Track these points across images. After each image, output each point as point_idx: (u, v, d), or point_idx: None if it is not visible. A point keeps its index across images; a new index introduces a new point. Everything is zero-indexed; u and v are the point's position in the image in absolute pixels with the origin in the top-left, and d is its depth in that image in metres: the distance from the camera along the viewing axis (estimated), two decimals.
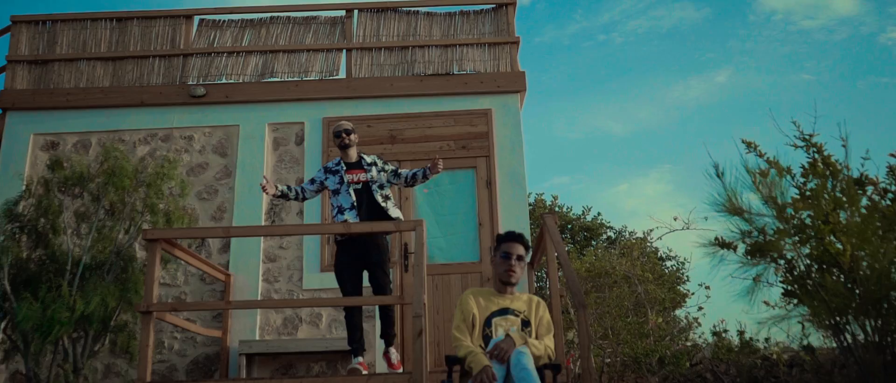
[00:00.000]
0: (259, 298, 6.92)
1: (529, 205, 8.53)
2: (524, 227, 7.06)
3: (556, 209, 12.27)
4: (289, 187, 5.60)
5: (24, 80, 7.76)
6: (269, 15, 8.02)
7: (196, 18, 8.05)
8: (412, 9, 7.99)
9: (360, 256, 5.29)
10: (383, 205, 5.39)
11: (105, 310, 5.45)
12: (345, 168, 5.51)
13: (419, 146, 7.32)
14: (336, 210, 5.43)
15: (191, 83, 7.68)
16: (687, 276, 9.50)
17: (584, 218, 12.30)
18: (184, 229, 5.91)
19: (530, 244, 4.01)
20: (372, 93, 7.56)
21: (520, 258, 3.77)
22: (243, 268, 7.01)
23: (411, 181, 5.58)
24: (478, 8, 8.01)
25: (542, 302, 3.78)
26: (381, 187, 5.47)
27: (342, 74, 7.74)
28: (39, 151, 7.47)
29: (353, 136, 5.53)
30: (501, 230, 7.03)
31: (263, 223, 7.15)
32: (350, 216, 5.32)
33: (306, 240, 7.11)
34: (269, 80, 7.71)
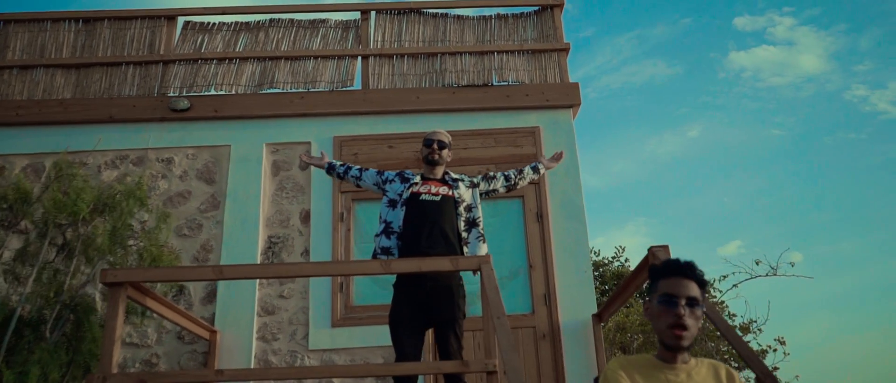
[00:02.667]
0: (253, 363, 5.41)
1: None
2: (585, 275, 5.68)
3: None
4: (343, 163, 4.39)
5: None
6: (268, 17, 6.71)
7: (180, 20, 6.71)
8: (440, 11, 6.72)
9: (426, 308, 3.86)
10: (465, 233, 4.01)
11: None
12: (421, 179, 4.14)
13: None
14: (382, 231, 4.03)
15: (172, 95, 6.29)
16: (759, 328, 8.14)
17: (615, 262, 10.93)
18: (157, 269, 4.41)
19: (705, 278, 2.45)
20: (393, 107, 6.22)
21: (692, 303, 2.35)
22: (233, 322, 5.52)
23: (515, 182, 4.27)
24: (517, 11, 6.77)
25: (735, 375, 2.37)
26: (469, 209, 4.10)
27: (357, 85, 6.40)
28: None
29: (445, 153, 4.21)
30: (557, 277, 5.64)
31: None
32: (392, 243, 3.93)
33: (313, 287, 5.65)
34: (269, 91, 6.35)
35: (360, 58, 6.49)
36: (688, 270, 2.34)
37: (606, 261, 10.97)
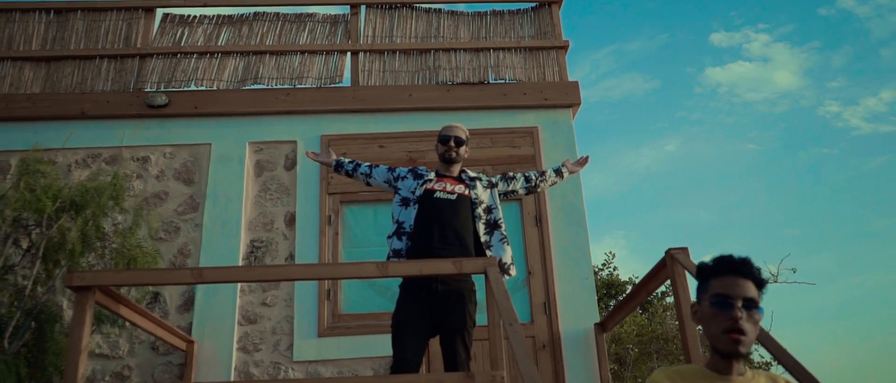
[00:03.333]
0: (233, 376, 5.04)
1: None
2: (587, 283, 5.39)
3: None
4: (352, 161, 4.09)
5: None
6: (252, 10, 6.37)
7: (159, 11, 6.35)
8: (433, 6, 6.43)
9: (433, 312, 3.53)
10: (486, 236, 3.71)
11: None
12: (436, 176, 3.83)
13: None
14: (394, 232, 3.70)
15: (149, 90, 5.92)
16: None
17: (605, 270, 10.66)
18: (128, 272, 4.02)
19: (763, 276, 2.11)
20: (384, 105, 5.90)
21: (750, 305, 2.04)
22: (212, 332, 5.14)
23: (536, 184, 3.98)
24: (514, 7, 6.50)
25: None
26: (489, 210, 3.79)
27: (346, 82, 6.08)
28: None
29: (463, 150, 3.89)
30: (557, 285, 5.34)
31: None
32: (403, 245, 3.61)
33: (299, 294, 5.29)
34: (252, 87, 6.01)
35: (349, 53, 6.17)
36: (744, 267, 2.03)
37: (596, 269, 10.70)
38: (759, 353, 7.89)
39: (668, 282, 4.09)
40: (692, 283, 4.42)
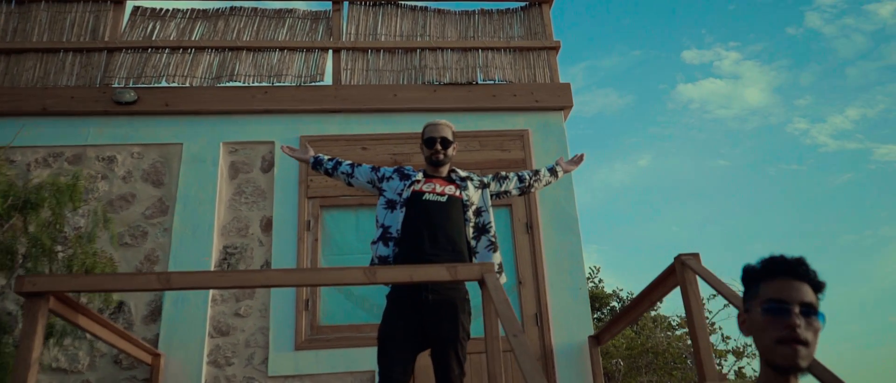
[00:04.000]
0: None
1: None
2: (581, 293, 5.13)
3: None
4: (332, 158, 3.80)
5: None
6: (228, 4, 6.05)
7: (129, 4, 6.00)
8: (419, 4, 6.17)
9: (424, 324, 3.22)
10: (473, 241, 3.42)
11: None
12: (423, 177, 3.52)
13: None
14: (379, 237, 3.40)
15: (116, 85, 5.57)
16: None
17: (589, 283, 10.42)
18: (87, 277, 3.64)
19: (820, 279, 1.79)
20: (368, 105, 5.61)
21: (809, 311, 1.76)
22: (180, 344, 4.78)
23: (530, 183, 3.71)
24: (503, 6, 6.25)
25: None
26: (479, 213, 3.49)
27: (327, 80, 5.78)
28: None
29: (451, 151, 3.58)
30: (549, 295, 5.07)
31: None
32: (390, 251, 3.31)
33: (275, 304, 4.96)
34: (228, 84, 5.68)
35: (330, 51, 5.88)
36: (799, 268, 1.75)
37: None
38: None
39: (662, 292, 3.85)
40: (703, 290, 4.19)
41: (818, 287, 1.73)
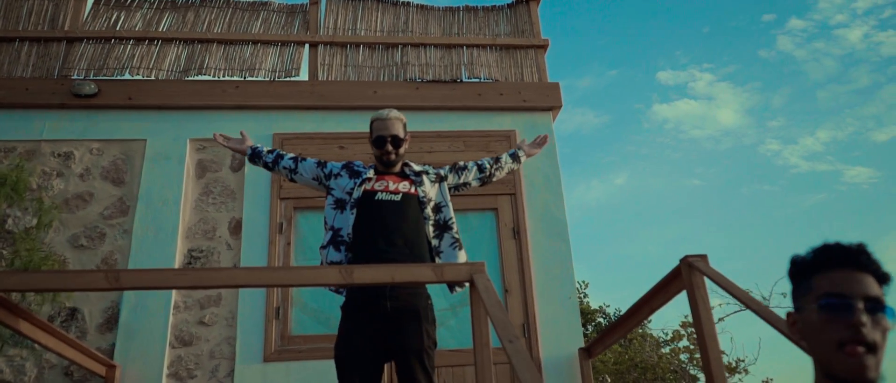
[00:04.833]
0: None
1: None
2: (571, 303, 4.84)
3: None
4: (273, 150, 3.40)
5: None
6: None
7: None
8: None
9: (385, 336, 2.87)
10: (435, 240, 3.09)
11: None
12: (375, 174, 3.18)
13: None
14: (329, 241, 3.06)
15: (76, 77, 5.20)
16: (746, 368, 7.38)
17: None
18: (28, 274, 3.24)
19: (885, 269, 1.45)
20: (346, 102, 5.30)
21: (875, 306, 1.45)
22: (138, 355, 4.39)
23: (491, 172, 3.37)
24: (489, 3, 6.00)
25: None
26: (438, 209, 3.16)
27: (303, 76, 5.46)
28: None
29: (402, 150, 3.23)
30: (537, 305, 4.78)
31: None
32: (341, 256, 2.98)
33: (242, 312, 4.59)
34: (197, 77, 5.33)
35: (307, 45, 5.56)
36: (861, 257, 1.45)
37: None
38: None
39: (664, 298, 3.58)
40: (713, 296, 3.90)
41: (883, 278, 1.43)
